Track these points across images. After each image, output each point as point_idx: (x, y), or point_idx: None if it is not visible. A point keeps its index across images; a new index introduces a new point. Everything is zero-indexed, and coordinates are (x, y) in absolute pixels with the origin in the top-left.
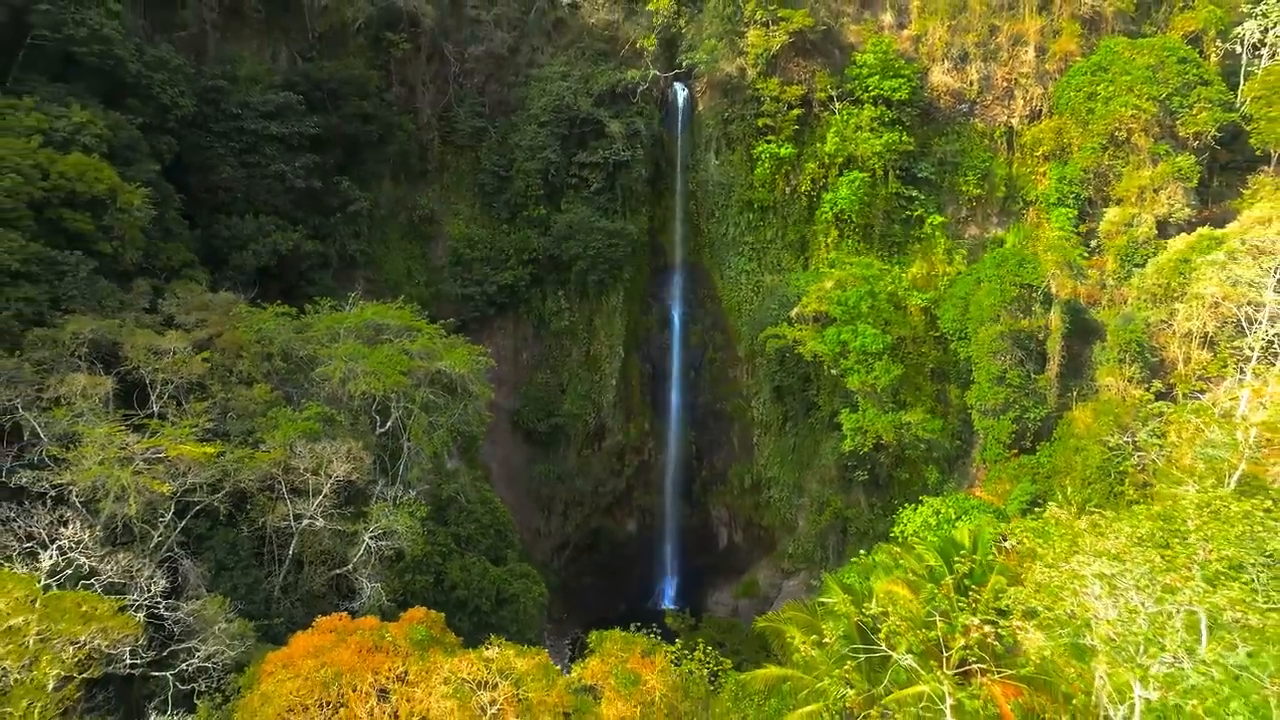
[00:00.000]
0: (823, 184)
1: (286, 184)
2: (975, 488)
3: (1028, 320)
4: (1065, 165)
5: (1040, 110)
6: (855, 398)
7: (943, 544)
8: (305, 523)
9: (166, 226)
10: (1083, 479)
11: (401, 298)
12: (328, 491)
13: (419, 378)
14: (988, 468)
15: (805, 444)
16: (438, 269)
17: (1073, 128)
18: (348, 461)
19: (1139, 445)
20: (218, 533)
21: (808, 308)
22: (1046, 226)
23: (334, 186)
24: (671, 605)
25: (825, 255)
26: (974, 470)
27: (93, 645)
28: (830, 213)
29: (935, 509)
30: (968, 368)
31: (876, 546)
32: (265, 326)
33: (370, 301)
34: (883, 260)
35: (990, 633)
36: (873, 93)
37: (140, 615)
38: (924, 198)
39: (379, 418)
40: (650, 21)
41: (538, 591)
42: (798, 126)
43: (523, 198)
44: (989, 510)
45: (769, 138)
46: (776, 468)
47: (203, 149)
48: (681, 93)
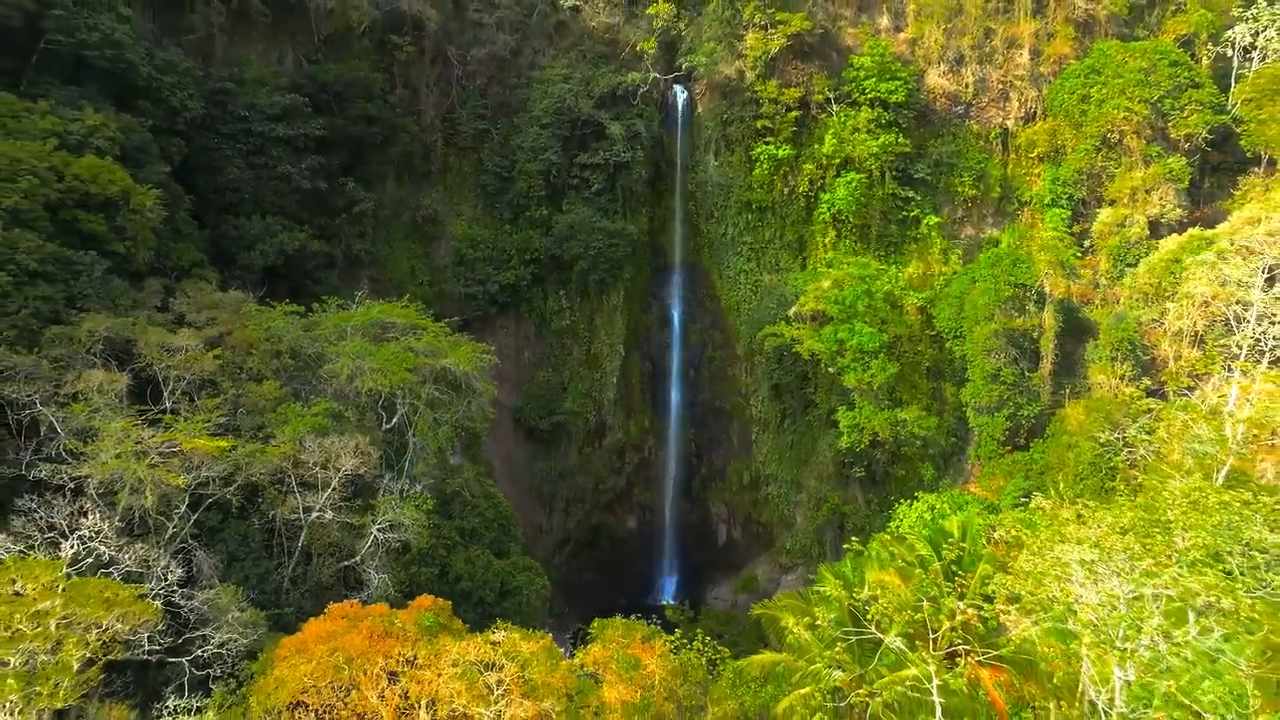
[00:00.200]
0: (820, 185)
1: (293, 185)
2: (970, 484)
3: (1022, 319)
4: (1059, 166)
5: (1035, 112)
6: (852, 395)
7: (933, 534)
8: (314, 515)
9: (176, 227)
10: (1075, 475)
11: (406, 297)
12: (336, 485)
13: (424, 375)
14: (982, 464)
15: (803, 441)
16: (441, 268)
17: (1066, 129)
18: (355, 456)
19: (1129, 441)
20: (229, 525)
21: (805, 307)
22: (1041, 227)
23: (339, 187)
24: (671, 600)
25: (823, 255)
26: (969, 467)
27: (114, 630)
28: (828, 213)
29: (930, 505)
30: (963, 366)
31: (871, 537)
32: (274, 325)
33: (375, 300)
34: (879, 260)
35: (973, 615)
36: (870, 95)
37: (157, 603)
38: (920, 198)
39: (385, 414)
40: (650, 25)
41: (540, 584)
42: (796, 128)
43: (525, 198)
44: (983, 505)
45: (767, 139)
46: (775, 465)
47: (211, 150)
48: (681, 95)
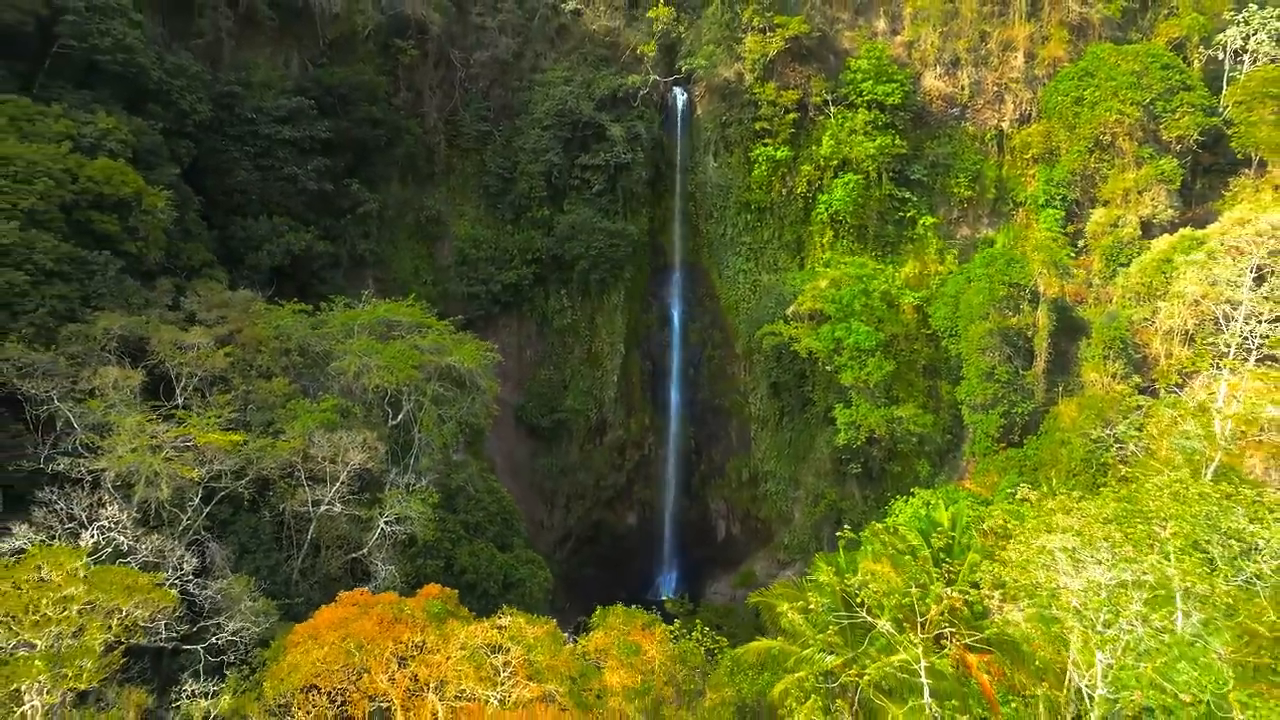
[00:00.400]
0: (818, 186)
1: (299, 186)
2: (965, 480)
3: (1016, 318)
4: (1053, 168)
5: (1029, 114)
6: (849, 393)
7: (923, 524)
8: (323, 509)
9: (186, 228)
10: (1068, 471)
11: (411, 296)
12: (344, 479)
13: (429, 372)
14: (977, 461)
15: (801, 438)
16: (444, 268)
17: (1060, 131)
18: (363, 451)
19: (1120, 438)
20: (241, 518)
21: (803, 306)
22: (1035, 227)
23: (344, 188)
24: (671, 596)
25: (820, 255)
26: (964, 463)
27: (134, 616)
28: (825, 214)
29: (926, 500)
30: (958, 364)
31: (865, 527)
32: (283, 323)
33: (381, 300)
34: (876, 260)
35: (960, 600)
36: (867, 97)
37: (174, 592)
38: (916, 199)
39: (391, 410)
40: (650, 28)
41: (543, 576)
42: (794, 130)
43: (526, 199)
44: (975, 499)
45: (766, 141)
46: (773, 462)
47: (219, 153)
48: (681, 97)
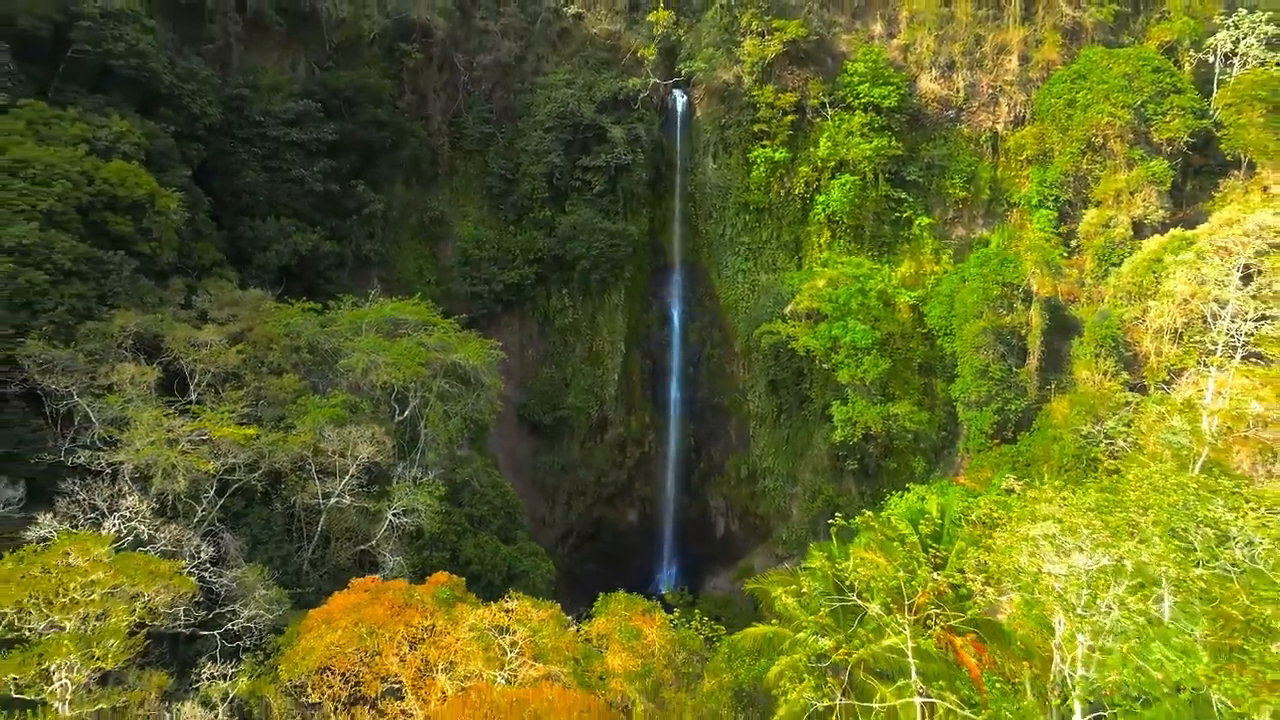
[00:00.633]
0: (816, 187)
1: (305, 187)
2: (960, 476)
3: (1010, 317)
4: (1046, 169)
5: (1023, 116)
6: (846, 391)
7: (913, 514)
8: (333, 501)
9: (197, 228)
10: (1059, 466)
11: (417, 295)
12: (353, 472)
13: (435, 369)
14: (971, 457)
15: (799, 435)
16: (447, 268)
17: (1053, 133)
18: (371, 445)
19: (1109, 434)
20: (253, 510)
21: (801, 305)
22: (1029, 227)
23: (350, 190)
24: (671, 590)
25: (818, 255)
26: (959, 459)
27: (157, 600)
28: (823, 214)
29: (920, 495)
30: (953, 362)
31: (858, 514)
32: (292, 321)
33: (386, 299)
34: (873, 260)
35: (944, 583)
36: (863, 100)
37: (192, 579)
38: (912, 200)
39: (398, 406)
40: (650, 32)
41: (545, 568)
42: (792, 132)
43: (528, 200)
44: (967, 493)
45: (764, 142)
46: (771, 458)
47: (228, 155)
48: (680, 99)
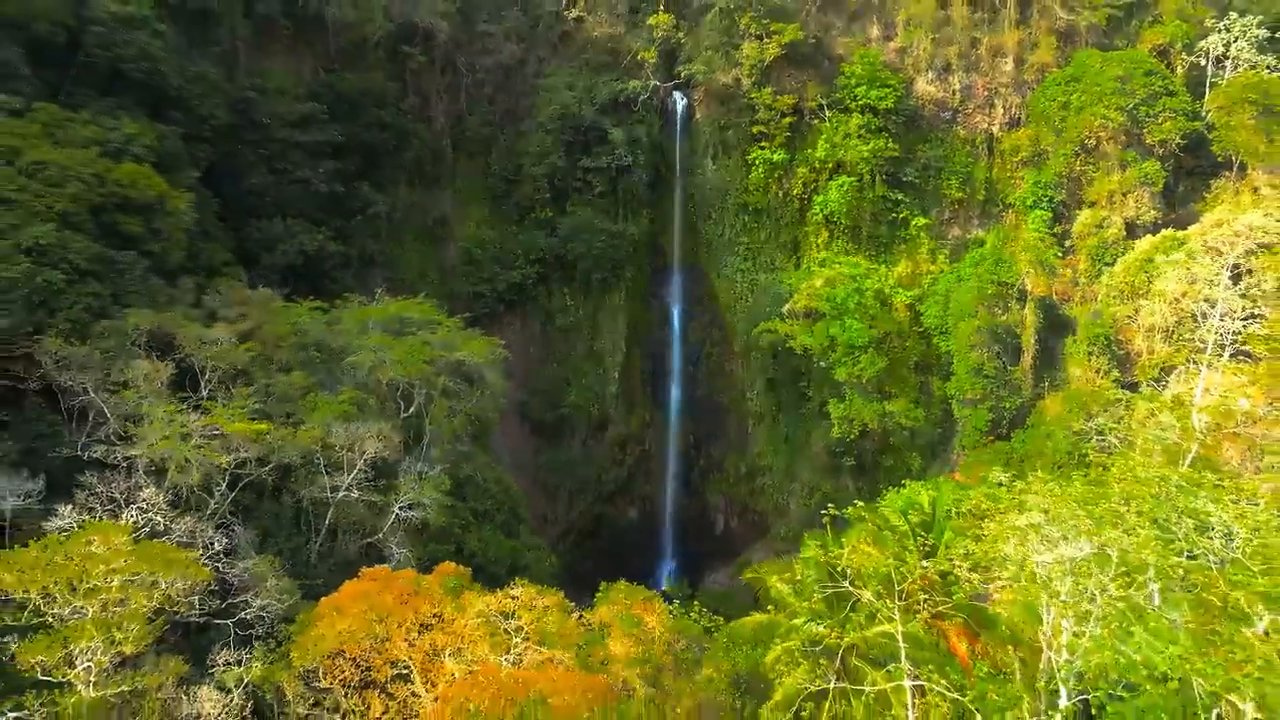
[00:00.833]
0: (813, 188)
1: (311, 189)
2: (955, 472)
3: (1005, 316)
4: (1041, 170)
5: (1018, 118)
6: (843, 388)
7: (904, 504)
8: (341, 495)
9: (205, 229)
10: (1052, 462)
11: (422, 295)
12: (361, 466)
13: (440, 367)
14: (966, 454)
15: (797, 433)
16: (450, 268)
17: (1048, 135)
18: (378, 440)
19: (1100, 430)
20: (263, 503)
21: (799, 304)
22: (1024, 228)
23: (354, 191)
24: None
25: (816, 255)
26: (954, 456)
27: (175, 588)
28: (820, 215)
29: (915, 492)
30: (949, 360)
31: (850, 505)
32: (300, 320)
33: (391, 298)
34: (870, 260)
35: (933, 570)
36: (860, 102)
37: (207, 568)
38: (909, 201)
39: (404, 402)
40: (651, 35)
41: (548, 562)
42: (790, 133)
43: (530, 201)
44: (959, 488)
45: (763, 144)
46: (770, 456)
47: (235, 156)
48: (680, 101)
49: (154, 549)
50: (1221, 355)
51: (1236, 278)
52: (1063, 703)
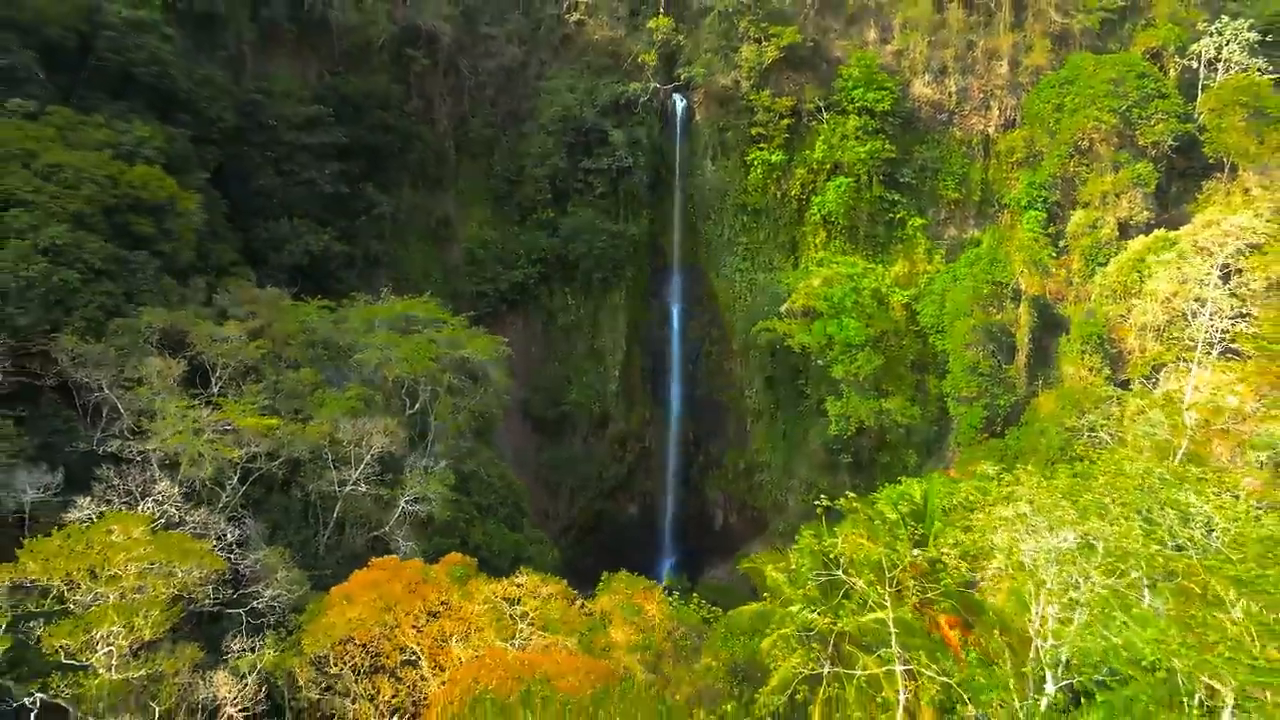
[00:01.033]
0: (811, 188)
1: (316, 190)
2: (950, 469)
3: (1000, 315)
4: (1035, 171)
5: (1014, 120)
6: (840, 386)
7: (896, 497)
8: (348, 489)
9: (215, 229)
10: (1045, 459)
11: (427, 294)
12: (368, 461)
13: (445, 364)
14: (962, 451)
15: (795, 430)
16: (453, 268)
17: (1042, 136)
18: (384, 435)
19: (1092, 427)
20: (273, 497)
21: (797, 303)
22: (1019, 228)
23: (359, 192)
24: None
25: (814, 255)
26: (950, 453)
27: (191, 577)
28: (818, 215)
29: (909, 486)
30: (945, 359)
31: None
32: (308, 318)
33: (396, 297)
34: (867, 259)
35: (922, 557)
36: (858, 104)
37: (222, 558)
38: (906, 201)
39: (409, 399)
40: (651, 38)
41: (551, 555)
42: (788, 135)
43: (532, 201)
44: (954, 484)
45: (762, 145)
46: (768, 453)
47: (242, 158)
48: (680, 103)
49: (172, 539)
50: (1211, 353)
51: (1226, 277)
52: (1049, 688)
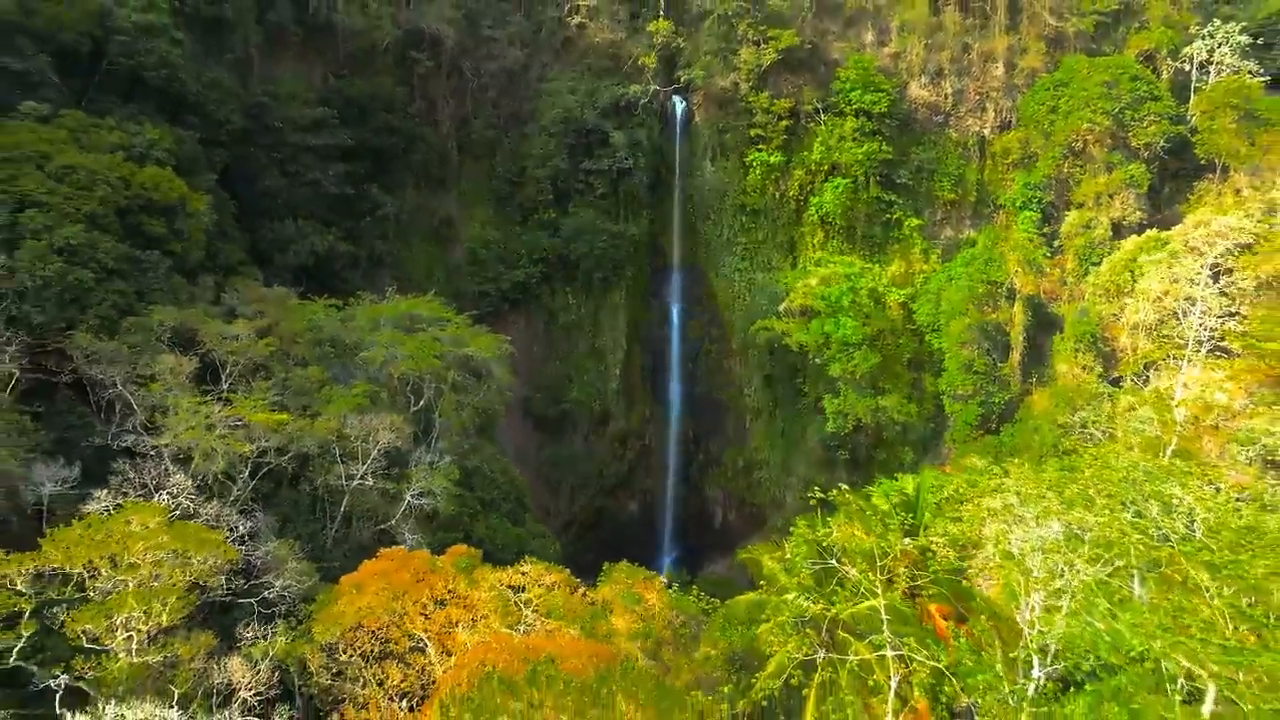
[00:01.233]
0: (809, 189)
1: (321, 191)
2: (946, 466)
3: (995, 314)
4: (1030, 172)
5: (1009, 121)
6: (838, 384)
7: (889, 489)
8: (355, 483)
9: (223, 229)
10: (1038, 456)
11: (431, 293)
12: (375, 456)
13: (449, 361)
14: (957, 448)
15: (793, 428)
16: (456, 268)
17: (1037, 138)
18: (390, 431)
19: (1084, 424)
20: (282, 491)
21: (795, 302)
22: (1014, 228)
23: (364, 193)
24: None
25: (812, 254)
26: (945, 450)
27: (206, 566)
28: (816, 215)
29: (903, 482)
30: (940, 357)
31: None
32: (315, 317)
33: (401, 297)
34: (864, 259)
35: (912, 546)
36: (855, 105)
37: (235, 549)
38: (902, 202)
39: (414, 396)
40: (651, 40)
41: (553, 548)
42: (786, 136)
43: (533, 202)
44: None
45: (760, 147)
46: (767, 450)
47: (249, 160)
48: (680, 105)
49: (189, 529)
50: (1200, 351)
51: (1216, 276)
52: (1036, 673)
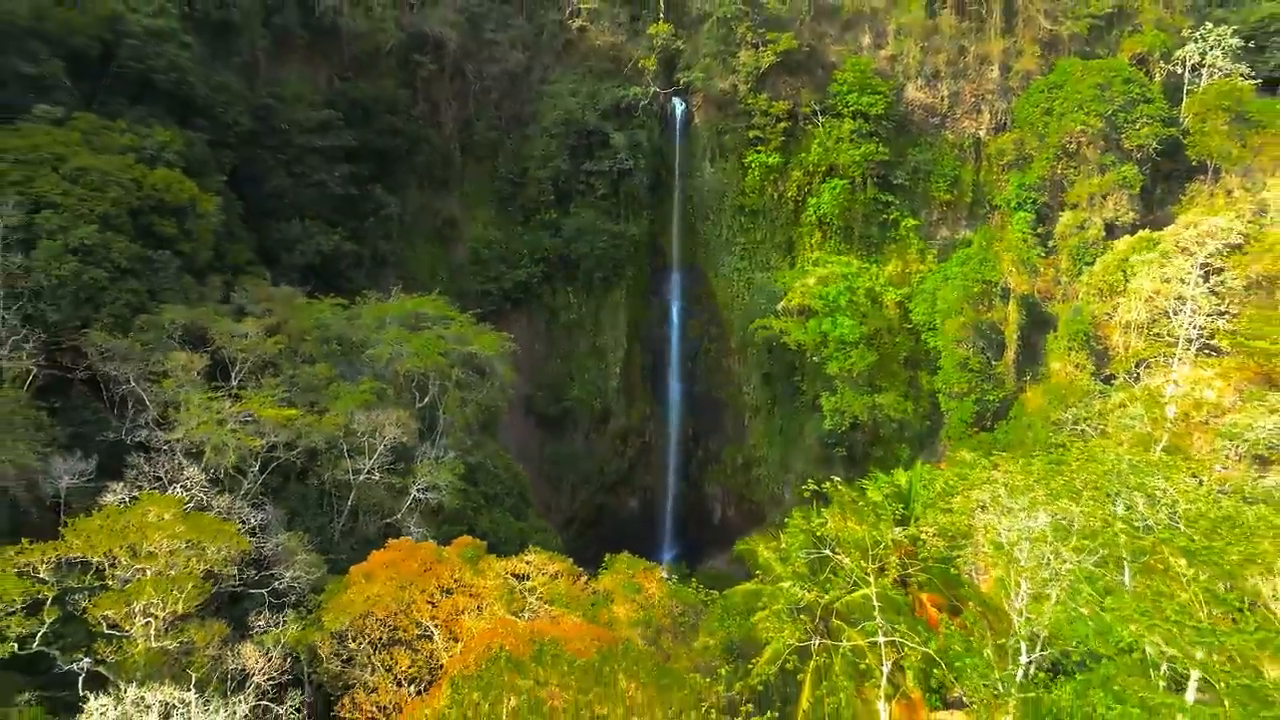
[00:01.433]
0: (807, 190)
1: (327, 191)
2: (941, 463)
3: (989, 313)
4: (1025, 173)
5: (1004, 123)
6: (835, 382)
7: (882, 483)
8: (362, 478)
9: (231, 230)
10: (1032, 452)
11: (435, 292)
12: (381, 451)
13: (453, 359)
14: (952, 445)
15: (791, 425)
16: (459, 267)
17: (1032, 139)
18: (396, 427)
19: (1076, 421)
20: (290, 485)
21: (793, 302)
22: (1009, 229)
23: (368, 193)
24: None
25: (809, 254)
26: (941, 447)
27: (220, 556)
28: (814, 216)
29: (897, 477)
30: (936, 355)
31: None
32: (322, 315)
33: (405, 296)
34: (861, 259)
35: (903, 536)
36: (852, 107)
37: (248, 540)
38: (899, 202)
39: (419, 393)
40: (651, 43)
41: (555, 542)
42: (785, 138)
43: (535, 203)
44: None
45: (759, 148)
46: (765, 447)
47: (256, 161)
48: (680, 107)
49: (204, 520)
50: (1191, 349)
51: (1206, 276)
52: (1024, 659)
